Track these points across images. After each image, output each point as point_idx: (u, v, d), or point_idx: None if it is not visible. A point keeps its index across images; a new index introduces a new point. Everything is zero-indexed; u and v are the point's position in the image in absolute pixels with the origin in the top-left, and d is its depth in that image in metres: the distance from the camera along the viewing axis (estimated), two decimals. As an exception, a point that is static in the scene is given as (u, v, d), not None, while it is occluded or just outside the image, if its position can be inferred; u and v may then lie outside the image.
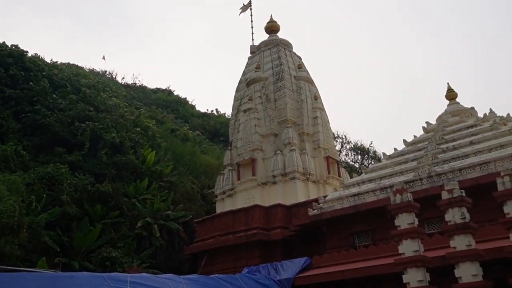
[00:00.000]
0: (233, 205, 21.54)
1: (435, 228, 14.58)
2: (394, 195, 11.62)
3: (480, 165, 14.29)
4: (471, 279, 10.01)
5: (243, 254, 18.82)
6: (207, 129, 43.78)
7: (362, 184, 17.27)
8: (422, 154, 16.46)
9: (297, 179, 20.82)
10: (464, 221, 10.44)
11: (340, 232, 16.84)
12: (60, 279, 11.47)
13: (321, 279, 14.40)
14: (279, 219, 19.17)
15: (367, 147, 40.26)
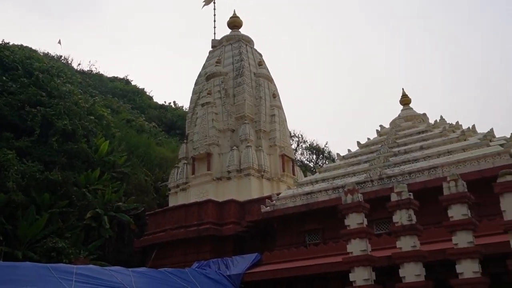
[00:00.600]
0: (187, 199, 21.39)
1: (383, 229, 14.97)
2: (346, 195, 11.83)
3: (428, 169, 14.78)
4: (414, 278, 10.33)
5: (194, 248, 18.74)
6: (164, 121, 43.25)
7: (315, 183, 17.51)
8: (374, 156, 16.85)
9: (252, 175, 20.90)
10: (411, 223, 10.75)
11: (291, 230, 17.03)
12: (2, 269, 11.06)
13: (270, 275, 14.53)
14: (232, 215, 19.19)
15: (322, 147, 40.85)
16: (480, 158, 14.10)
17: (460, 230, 10.08)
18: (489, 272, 10.89)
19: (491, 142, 15.18)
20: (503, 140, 15.24)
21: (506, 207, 9.65)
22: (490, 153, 14.03)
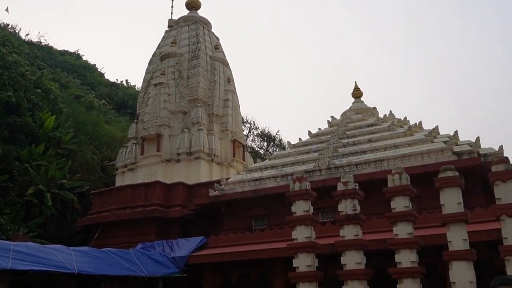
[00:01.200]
0: (134, 180, 21.04)
1: (328, 217, 15.30)
2: (294, 182, 11.97)
3: (375, 162, 15.18)
4: (355, 266, 10.62)
5: (139, 229, 18.49)
6: (115, 100, 42.17)
7: (264, 170, 17.62)
8: (324, 146, 17.13)
9: (202, 159, 20.79)
10: (355, 212, 11.01)
11: (238, 215, 17.11)
12: None
13: (215, 259, 14.57)
14: (180, 197, 19.04)
15: (273, 135, 41.14)
16: (424, 153, 14.61)
17: (401, 221, 10.42)
18: (425, 262, 11.37)
19: (435, 139, 15.74)
20: (447, 138, 15.85)
21: (445, 201, 10.05)
22: (434, 149, 14.57)
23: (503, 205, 9.57)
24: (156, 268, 14.44)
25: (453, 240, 9.73)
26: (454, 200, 9.94)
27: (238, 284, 15.09)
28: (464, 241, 9.67)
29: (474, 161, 13.61)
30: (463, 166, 13.09)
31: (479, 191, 14.03)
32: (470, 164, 13.56)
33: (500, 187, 9.71)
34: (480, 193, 14.03)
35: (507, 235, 9.41)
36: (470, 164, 13.56)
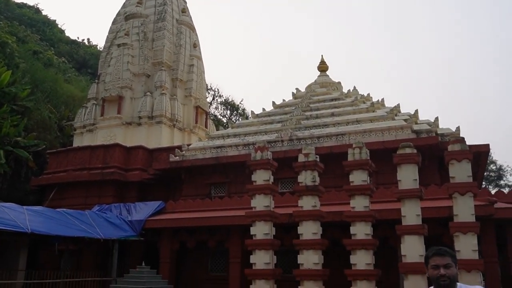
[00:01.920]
0: (93, 141, 20.59)
1: (287, 188, 15.48)
2: (255, 151, 11.98)
3: (336, 135, 15.36)
4: (311, 236, 10.82)
5: (96, 192, 18.18)
6: (75, 58, 40.82)
7: (226, 138, 17.57)
8: (287, 117, 17.17)
9: (163, 123, 20.51)
10: (314, 184, 11.16)
11: (198, 181, 17.07)
12: None
13: (172, 223, 14.54)
14: (139, 161, 18.79)
15: (237, 104, 40.93)
16: (384, 130, 14.88)
17: (358, 194, 10.64)
18: (378, 235, 11.70)
19: (396, 116, 16.04)
20: (407, 116, 16.18)
21: (402, 177, 10.30)
22: (394, 126, 14.85)
23: (456, 184, 9.89)
24: (112, 231, 14.30)
25: (407, 215, 10.02)
26: (410, 177, 10.20)
27: (195, 250, 15.17)
28: (417, 216, 9.98)
29: (431, 140, 13.96)
30: (421, 144, 13.42)
31: (434, 170, 14.47)
32: (427, 143, 13.91)
33: (454, 166, 10.02)
34: (435, 171, 14.48)
35: (458, 212, 9.76)
36: (427, 143, 13.91)
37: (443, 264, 2.99)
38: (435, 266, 3.00)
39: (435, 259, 3.02)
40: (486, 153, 15.10)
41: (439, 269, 2.97)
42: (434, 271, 3.00)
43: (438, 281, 2.96)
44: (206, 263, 15.62)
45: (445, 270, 2.96)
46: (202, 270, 15.56)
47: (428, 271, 3.09)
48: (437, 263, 3.00)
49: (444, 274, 2.95)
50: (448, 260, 3.00)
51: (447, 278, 2.95)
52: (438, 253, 3.03)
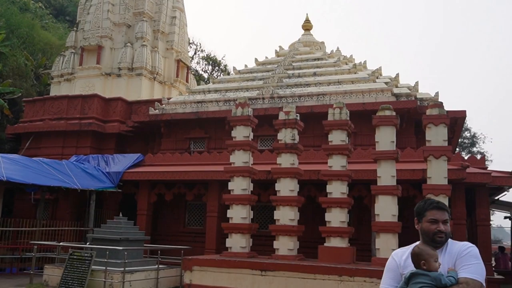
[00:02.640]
0: (71, 91, 20.22)
1: (266, 145, 15.59)
2: (236, 107, 11.95)
3: (317, 95, 15.40)
4: (288, 193, 10.99)
5: (74, 142, 18.02)
6: (53, 4, 39.38)
7: (207, 93, 17.45)
8: (269, 75, 17.10)
9: (144, 76, 20.21)
10: (293, 142, 11.25)
11: (177, 136, 17.05)
12: None
13: (150, 176, 14.58)
14: (118, 113, 18.60)
15: (219, 60, 40.41)
16: (365, 92, 14.96)
17: (336, 154, 10.78)
18: (353, 195, 11.98)
19: (377, 79, 16.11)
20: (388, 79, 16.26)
21: (379, 138, 10.44)
22: (375, 89, 14.94)
23: (432, 147, 10.08)
24: (89, 182, 14.28)
25: (382, 176, 10.22)
26: (388, 139, 10.35)
27: (172, 203, 15.31)
28: (392, 177, 10.19)
29: (410, 104, 14.12)
30: (400, 107, 13.59)
31: (411, 133, 14.71)
32: (406, 106, 14.07)
33: (431, 130, 10.18)
34: (412, 135, 14.73)
35: (431, 175, 10.00)
36: (406, 106, 14.07)
37: (443, 219, 2.77)
38: (433, 220, 2.77)
39: (434, 213, 2.78)
40: (463, 119, 15.37)
41: (438, 224, 2.75)
42: (432, 226, 2.76)
43: (434, 236, 2.74)
44: (183, 217, 15.81)
45: (444, 226, 2.75)
46: (179, 223, 15.76)
47: (422, 224, 2.83)
48: (436, 218, 2.77)
49: (442, 230, 2.74)
50: (446, 215, 2.80)
51: (444, 235, 2.75)
52: (438, 206, 2.81)
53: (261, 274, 10.15)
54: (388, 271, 2.84)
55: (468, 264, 2.59)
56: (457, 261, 2.65)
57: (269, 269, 10.13)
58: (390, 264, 2.85)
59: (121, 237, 10.87)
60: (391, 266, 2.83)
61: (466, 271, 2.56)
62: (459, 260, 2.64)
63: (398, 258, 2.83)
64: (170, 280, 11.33)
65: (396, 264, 2.81)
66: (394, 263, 2.82)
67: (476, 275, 2.53)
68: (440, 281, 2.49)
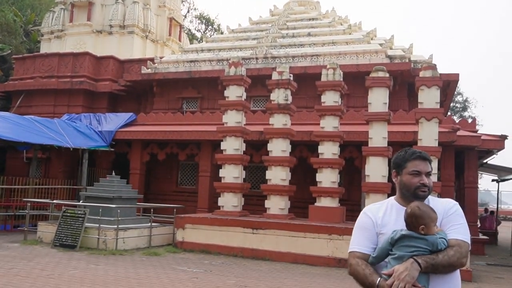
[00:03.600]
0: (61, 48, 19.90)
1: (259, 106, 15.57)
2: (230, 67, 11.87)
3: (311, 56, 15.28)
4: (280, 153, 11.08)
5: (65, 100, 17.87)
6: (41, -42, 38.22)
7: (200, 52, 17.25)
8: (263, 35, 16.88)
9: (135, 34, 19.89)
10: (286, 102, 11.25)
11: (170, 95, 16.95)
12: None
13: (143, 136, 14.58)
14: (110, 72, 18.37)
15: (212, 19, 39.74)
16: (359, 53, 14.85)
17: (328, 115, 10.81)
18: (344, 156, 12.08)
19: (372, 40, 15.96)
20: (383, 41, 16.11)
21: (372, 100, 10.46)
22: (369, 50, 14.82)
23: (424, 109, 10.13)
24: (82, 140, 14.26)
25: (373, 137, 10.30)
26: (380, 100, 10.37)
27: (165, 162, 15.37)
28: (383, 139, 10.28)
29: (404, 66, 14.06)
30: (393, 69, 13.53)
31: (404, 95, 14.72)
32: (400, 69, 14.01)
33: (424, 92, 10.20)
34: (405, 97, 14.74)
35: (422, 136, 10.08)
36: (400, 69, 14.01)
37: (426, 171, 2.40)
38: (416, 172, 2.38)
39: (416, 164, 2.41)
40: (455, 82, 15.36)
41: (421, 176, 2.37)
42: (414, 178, 2.38)
43: (417, 190, 2.37)
44: (175, 176, 15.91)
45: (427, 178, 2.39)
46: (171, 182, 15.87)
47: (402, 176, 2.43)
48: (419, 169, 2.39)
49: (426, 184, 2.37)
50: (429, 167, 2.43)
51: (427, 189, 2.38)
52: (421, 156, 2.43)
53: (253, 232, 10.34)
54: (361, 230, 2.45)
55: (457, 224, 2.33)
56: (443, 220, 2.35)
57: (260, 227, 10.32)
58: (364, 222, 2.45)
59: (114, 195, 10.95)
60: (366, 224, 2.43)
61: (455, 232, 2.30)
62: (446, 219, 2.35)
63: (373, 215, 2.44)
64: (163, 238, 11.51)
65: (372, 222, 2.41)
66: (369, 221, 2.42)
67: (465, 236, 2.31)
68: (437, 246, 2.22)
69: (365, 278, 2.29)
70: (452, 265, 2.25)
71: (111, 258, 9.23)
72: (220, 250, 10.46)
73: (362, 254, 2.37)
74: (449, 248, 2.24)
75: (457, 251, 2.24)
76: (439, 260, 2.22)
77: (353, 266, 2.35)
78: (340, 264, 9.44)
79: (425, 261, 2.20)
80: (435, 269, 2.22)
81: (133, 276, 7.56)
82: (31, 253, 9.39)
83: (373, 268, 2.32)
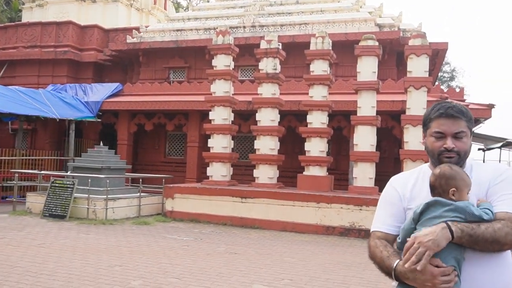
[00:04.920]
0: (44, 17, 19.43)
1: (247, 76, 15.46)
2: (217, 35, 11.71)
3: (299, 24, 15.13)
4: (269, 123, 11.06)
5: (50, 71, 17.55)
6: None
7: (187, 21, 16.98)
8: (251, 3, 16.61)
9: (120, 2, 19.48)
10: (275, 72, 11.17)
11: (156, 65, 16.73)
12: None
13: (130, 106, 14.43)
14: (95, 41, 18.04)
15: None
16: (348, 21, 14.73)
17: (317, 84, 10.77)
18: (333, 125, 12.11)
19: (361, 8, 15.80)
20: (372, 9, 15.98)
21: (361, 68, 10.43)
22: (358, 19, 14.71)
23: (413, 78, 10.14)
24: (68, 111, 14.08)
25: (362, 106, 10.32)
26: (369, 69, 10.35)
27: (152, 133, 15.29)
28: (372, 108, 10.29)
29: (393, 35, 14.00)
30: (383, 38, 13.44)
31: (392, 64, 14.70)
32: (389, 37, 13.95)
33: (413, 61, 10.19)
34: (393, 66, 14.73)
35: (411, 105, 10.12)
36: (389, 37, 13.95)
37: (452, 132, 1.87)
38: (438, 133, 1.89)
39: (440, 123, 1.89)
40: (444, 51, 15.35)
41: (445, 138, 1.87)
42: (436, 142, 1.89)
43: (440, 156, 1.88)
44: (163, 147, 15.86)
45: (456, 141, 1.87)
46: (159, 153, 15.83)
47: (427, 139, 1.95)
48: (443, 130, 1.88)
49: (450, 148, 1.86)
50: (461, 125, 1.88)
51: (455, 154, 1.86)
52: (447, 113, 1.88)
53: (242, 201, 10.40)
54: (385, 205, 1.97)
55: (507, 194, 1.79)
56: (490, 189, 1.83)
57: (249, 196, 10.38)
58: (388, 195, 1.98)
59: (102, 165, 10.90)
60: (390, 197, 1.96)
61: (505, 204, 1.76)
62: (493, 188, 1.82)
63: (400, 186, 1.96)
64: (152, 207, 11.54)
65: (399, 195, 1.93)
66: (394, 194, 1.95)
67: None
68: (472, 214, 1.70)
69: (381, 262, 1.82)
70: (497, 241, 1.69)
71: (101, 228, 9.25)
72: (210, 219, 10.53)
73: (384, 234, 1.91)
74: (495, 221, 1.72)
75: (506, 225, 1.70)
76: (480, 232, 1.69)
77: (371, 248, 1.90)
78: (328, 231, 9.58)
79: (460, 230, 1.68)
80: (474, 243, 1.69)
81: (124, 245, 7.59)
82: (21, 224, 9.37)
83: (393, 249, 1.84)
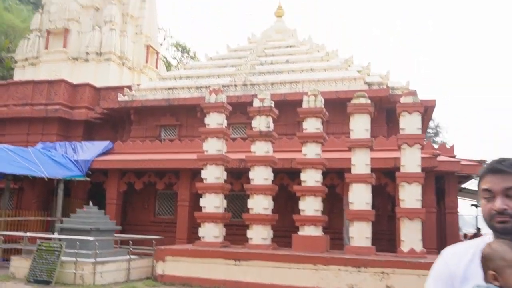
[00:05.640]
0: (36, 76, 19.53)
1: (239, 133, 15.44)
2: (210, 94, 11.75)
3: (290, 83, 15.31)
4: (262, 182, 10.91)
5: (39, 129, 17.43)
6: (15, -15, 37.93)
7: (178, 79, 17.13)
8: (242, 62, 16.89)
9: (112, 61, 19.69)
10: (268, 129, 11.14)
11: (147, 123, 16.70)
12: None
13: (120, 165, 14.23)
14: (86, 99, 18.06)
15: (188, 47, 39.84)
16: (338, 80, 14.95)
17: (310, 142, 10.73)
18: (326, 183, 11.97)
19: (349, 67, 16.11)
20: (360, 67, 16.29)
21: (354, 126, 10.45)
22: (348, 77, 14.94)
23: (406, 135, 10.15)
24: (57, 170, 13.82)
25: (356, 164, 10.25)
26: (362, 126, 10.37)
27: (142, 191, 15.02)
28: (366, 165, 10.23)
29: (383, 92, 14.18)
30: (372, 96, 13.57)
31: (382, 122, 14.81)
32: (378, 95, 14.12)
33: (405, 118, 10.24)
34: (384, 123, 14.83)
35: (405, 163, 10.07)
36: (378, 95, 14.12)
37: (502, 188, 1.60)
38: (487, 193, 1.64)
39: (488, 181, 1.64)
40: (432, 108, 15.56)
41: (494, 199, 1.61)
42: (487, 204, 1.64)
43: (492, 222, 1.62)
44: (152, 206, 15.54)
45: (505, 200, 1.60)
46: (149, 212, 15.49)
47: (481, 203, 1.69)
48: (490, 187, 1.63)
49: (503, 209, 1.58)
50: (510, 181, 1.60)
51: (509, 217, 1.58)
52: (495, 168, 1.63)
53: (235, 263, 10.06)
54: (435, 280, 1.72)
55: None
56: None
57: (243, 258, 10.05)
58: (440, 269, 1.72)
59: (91, 227, 10.56)
60: (441, 274, 1.70)
61: None
62: None
63: (454, 262, 1.69)
64: (142, 271, 11.11)
65: (449, 271, 1.68)
66: (445, 271, 1.69)
67: None
68: None
69: None
70: None
71: (88, 294, 8.83)
72: (202, 283, 10.13)
73: None
74: None
75: None
76: None
77: None
78: (325, 294, 9.23)
79: None
80: None
81: (113, 314, 7.20)
82: (3, 291, 8.93)
83: None
